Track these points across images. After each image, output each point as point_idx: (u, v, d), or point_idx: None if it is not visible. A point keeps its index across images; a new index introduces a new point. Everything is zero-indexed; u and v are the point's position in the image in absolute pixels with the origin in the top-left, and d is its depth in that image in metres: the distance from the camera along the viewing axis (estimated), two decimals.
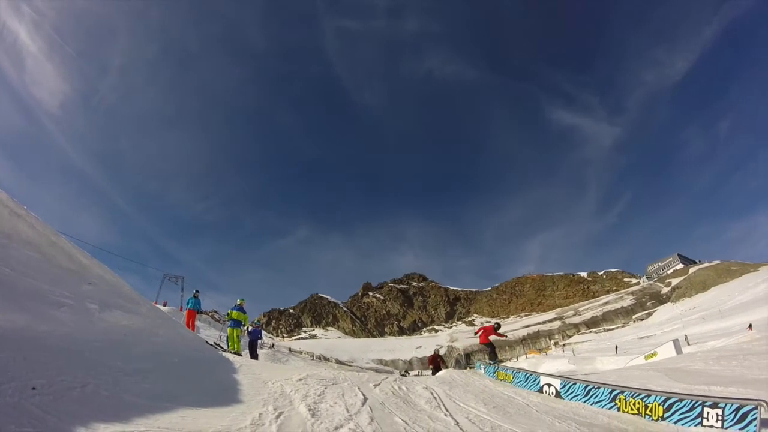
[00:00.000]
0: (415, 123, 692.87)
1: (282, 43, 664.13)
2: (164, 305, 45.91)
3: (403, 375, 21.72)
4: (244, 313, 18.26)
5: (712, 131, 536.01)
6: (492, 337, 18.70)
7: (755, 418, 6.52)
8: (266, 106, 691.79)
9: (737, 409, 6.85)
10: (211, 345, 15.60)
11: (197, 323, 28.27)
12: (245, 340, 19.03)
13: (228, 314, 18.49)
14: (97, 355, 6.42)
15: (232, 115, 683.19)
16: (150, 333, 8.93)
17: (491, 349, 17.88)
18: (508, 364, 30.42)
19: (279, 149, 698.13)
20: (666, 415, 8.13)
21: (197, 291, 20.14)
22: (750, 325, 44.79)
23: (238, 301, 18.29)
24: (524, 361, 60.29)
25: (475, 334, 19.32)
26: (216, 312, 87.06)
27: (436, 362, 20.17)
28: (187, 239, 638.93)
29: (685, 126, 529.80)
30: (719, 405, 7.20)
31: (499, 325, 18.77)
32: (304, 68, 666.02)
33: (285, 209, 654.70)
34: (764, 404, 6.53)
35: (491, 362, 16.88)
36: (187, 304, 20.21)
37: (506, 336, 19.25)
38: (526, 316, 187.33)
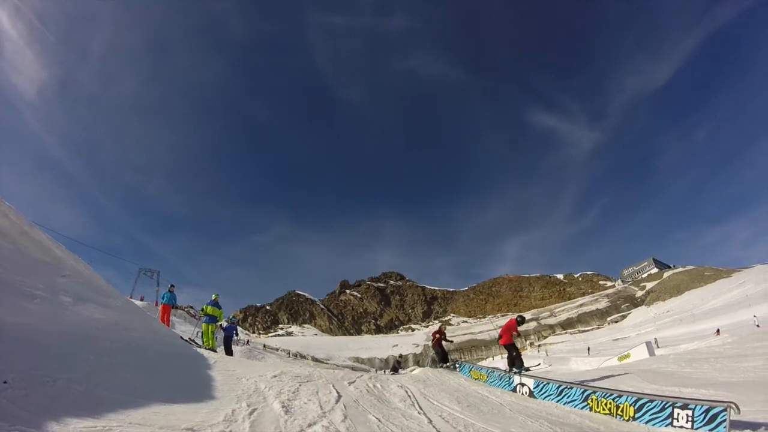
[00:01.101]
0: (396, 121, 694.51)
1: (265, 35, 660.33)
2: (141, 300, 45.45)
3: (397, 364, 20.56)
4: (220, 308, 18.15)
5: (690, 139, 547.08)
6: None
7: (725, 420, 6.71)
8: (246, 100, 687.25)
9: (707, 411, 7.06)
10: (186, 341, 15.51)
11: (173, 318, 28.02)
12: (221, 337, 18.93)
13: (203, 310, 18.36)
14: (69, 349, 6.38)
15: (211, 107, 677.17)
16: (124, 327, 8.86)
17: (514, 352, 13.57)
18: (483, 363, 30.58)
19: (258, 143, 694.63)
20: (637, 416, 8.36)
21: (172, 285, 19.94)
22: (718, 330, 45.79)
23: (213, 297, 18.15)
24: (500, 361, 60.79)
25: (499, 336, 14.43)
26: (192, 307, 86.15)
27: (439, 338, 17.96)
28: (163, 233, 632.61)
29: (664, 133, 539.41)
30: (689, 406, 7.41)
31: (523, 319, 14.39)
32: (287, 63, 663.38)
33: (263, 204, 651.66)
34: (734, 406, 6.70)
35: (516, 371, 12.89)
36: (162, 298, 19.97)
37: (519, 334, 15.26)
38: (503, 316, 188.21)
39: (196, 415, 5.50)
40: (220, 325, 18.37)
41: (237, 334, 23.12)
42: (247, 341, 79.48)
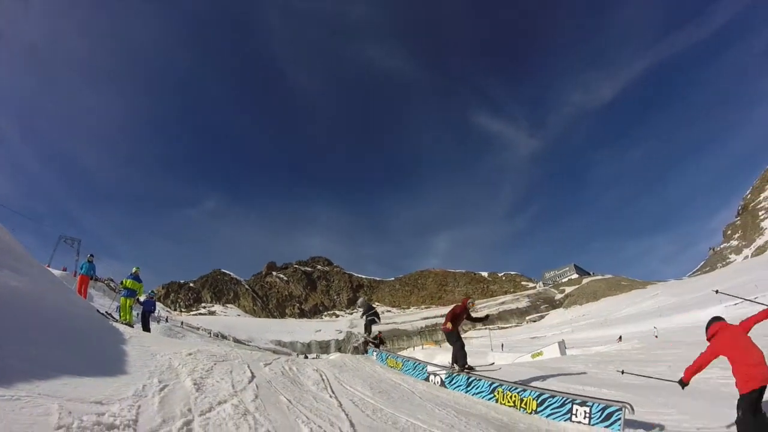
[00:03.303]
0: (342, 109, 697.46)
1: (224, 9, 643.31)
2: (63, 270, 43.65)
3: (369, 310, 17.80)
4: (140, 282, 17.78)
5: (624, 156, 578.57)
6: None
7: (619, 419, 7.32)
8: (194, 73, 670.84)
9: (603, 409, 7.67)
10: (103, 314, 15.18)
11: (90, 291, 27.14)
12: (139, 312, 18.58)
13: (122, 283, 17.96)
14: None
15: (156, 75, 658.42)
16: (39, 297, 8.66)
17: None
18: (404, 353, 31.10)
19: (199, 117, 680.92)
20: (539, 409, 8.92)
21: (92, 255, 19.22)
22: (620, 337, 48.55)
23: (134, 270, 17.78)
24: (420, 352, 61.86)
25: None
26: (112, 280, 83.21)
27: (456, 318, 12.14)
28: (90, 200, 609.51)
29: (600, 148, 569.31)
30: (587, 403, 8.03)
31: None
32: (242, 39, 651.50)
33: (196, 178, 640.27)
34: (628, 406, 7.33)
35: None
36: (81, 269, 19.28)
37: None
38: (426, 308, 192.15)
39: (106, 389, 5.52)
40: (138, 299, 17.99)
41: (155, 310, 22.54)
42: (166, 318, 77.61)
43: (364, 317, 17.06)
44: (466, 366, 11.67)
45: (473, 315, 12.73)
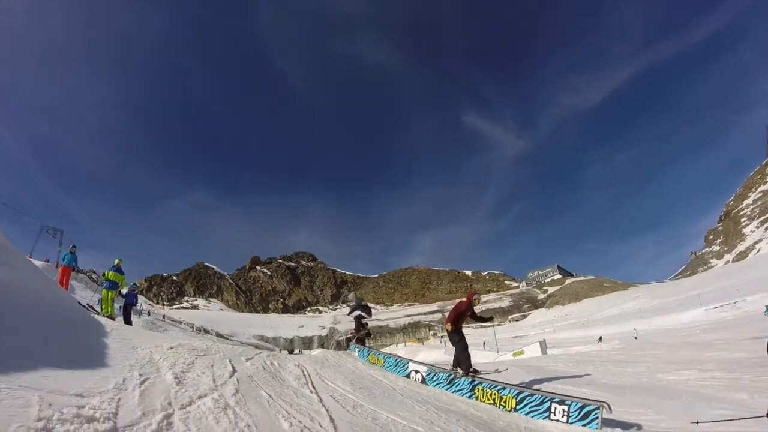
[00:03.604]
0: (334, 103, 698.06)
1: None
2: (47, 261, 43.16)
3: (359, 303, 17.30)
4: (122, 274, 17.66)
5: (612, 160, 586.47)
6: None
7: (597, 417, 7.50)
8: (184, 62, 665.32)
9: (581, 408, 7.86)
10: (84, 306, 15.08)
11: (72, 282, 26.89)
12: (121, 305, 18.48)
13: (104, 275, 17.83)
14: None
15: (146, 63, 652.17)
16: (19, 288, 8.57)
17: None
18: (386, 350, 31.30)
19: (187, 106, 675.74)
20: (518, 407, 9.11)
21: (74, 246, 19.09)
22: (600, 338, 49.10)
23: (116, 262, 17.65)
24: (403, 349, 62.14)
25: None
26: (94, 272, 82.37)
27: (460, 316, 11.62)
28: (75, 190, 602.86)
29: (588, 151, 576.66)
30: (566, 402, 8.21)
31: None
32: (231, 27, 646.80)
33: (184, 169, 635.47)
34: (606, 406, 7.51)
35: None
36: (63, 260, 19.15)
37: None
38: (409, 305, 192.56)
39: (86, 382, 5.48)
40: (120, 291, 17.88)
41: (137, 303, 22.45)
42: (149, 312, 77.08)
43: (357, 312, 17.07)
44: (471, 369, 10.97)
45: (477, 313, 12.18)
